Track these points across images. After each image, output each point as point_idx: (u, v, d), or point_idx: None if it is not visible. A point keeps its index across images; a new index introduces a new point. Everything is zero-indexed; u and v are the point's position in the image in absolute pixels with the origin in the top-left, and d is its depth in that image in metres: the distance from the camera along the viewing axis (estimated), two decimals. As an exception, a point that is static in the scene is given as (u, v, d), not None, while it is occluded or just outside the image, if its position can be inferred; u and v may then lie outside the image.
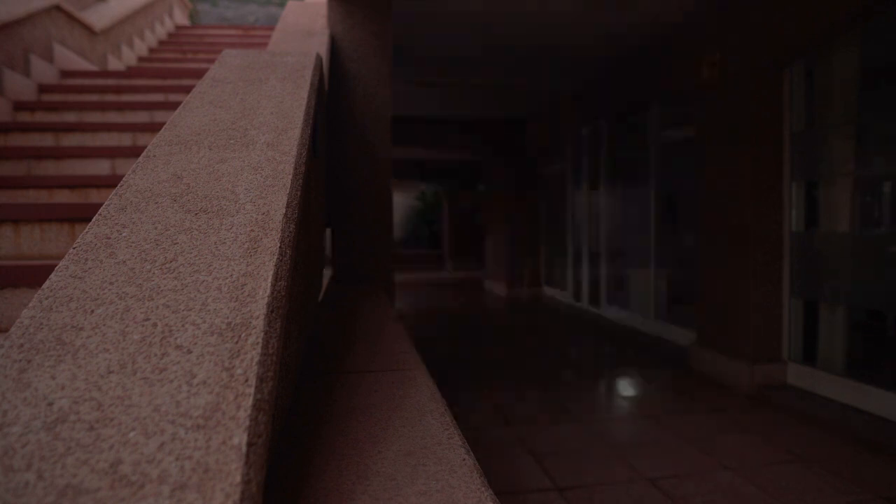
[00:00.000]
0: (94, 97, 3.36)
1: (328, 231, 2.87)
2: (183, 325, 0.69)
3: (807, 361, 3.41)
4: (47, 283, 0.76)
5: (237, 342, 0.67)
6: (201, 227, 0.89)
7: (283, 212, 0.94)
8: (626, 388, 3.83)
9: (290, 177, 1.05)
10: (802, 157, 3.43)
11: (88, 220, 1.75)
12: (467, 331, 6.04)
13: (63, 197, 2.17)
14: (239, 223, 0.90)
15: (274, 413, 0.70)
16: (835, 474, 2.36)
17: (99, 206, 1.61)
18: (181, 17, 6.72)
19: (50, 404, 0.58)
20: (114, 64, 4.56)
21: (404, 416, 0.93)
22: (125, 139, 2.77)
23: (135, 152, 2.49)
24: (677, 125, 4.58)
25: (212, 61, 4.52)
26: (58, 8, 3.79)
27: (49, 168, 2.45)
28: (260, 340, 0.67)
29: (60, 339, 0.67)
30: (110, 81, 3.72)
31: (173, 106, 3.08)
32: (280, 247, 0.85)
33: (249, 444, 0.55)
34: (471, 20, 3.98)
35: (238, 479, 0.51)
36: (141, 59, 4.97)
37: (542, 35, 4.30)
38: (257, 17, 13.15)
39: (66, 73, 3.74)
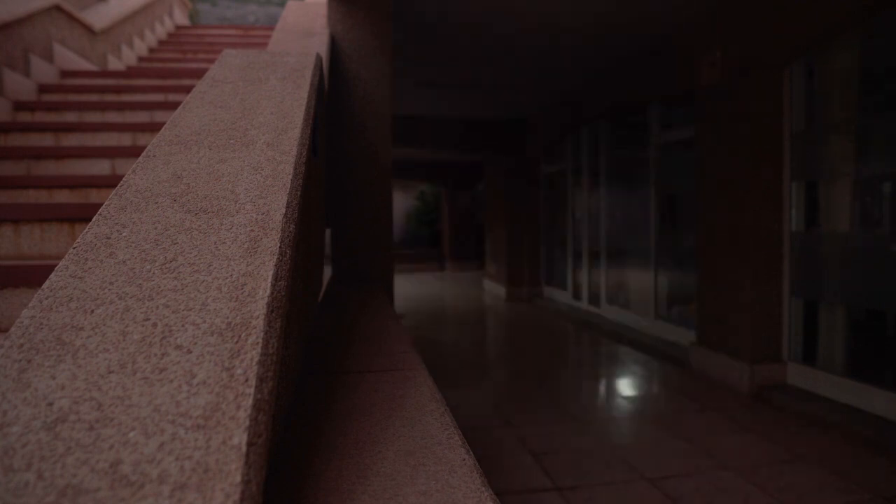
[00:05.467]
0: (94, 97, 3.36)
1: (328, 231, 2.87)
2: (183, 325, 0.69)
3: (807, 361, 3.41)
4: (47, 282, 0.76)
5: (237, 342, 0.67)
6: (201, 227, 0.89)
7: (283, 212, 0.93)
8: (625, 387, 3.83)
9: (290, 177, 1.05)
10: (802, 157, 3.43)
11: (88, 220, 1.75)
12: (466, 330, 6.04)
13: (63, 197, 2.17)
14: (239, 223, 0.90)
15: (274, 413, 0.70)
16: (835, 474, 2.36)
17: (99, 206, 1.61)
18: (181, 17, 6.72)
19: (50, 404, 0.58)
20: (114, 64, 4.56)
21: (404, 416, 0.93)
22: (125, 139, 2.77)
23: (135, 152, 2.49)
24: (677, 125, 4.58)
25: (212, 61, 4.52)
26: (58, 8, 3.79)
27: (49, 168, 2.45)
28: (260, 340, 0.67)
29: (60, 339, 0.67)
30: (110, 81, 3.72)
31: (173, 106, 3.08)
32: (280, 247, 0.85)
33: (249, 444, 0.55)
34: (471, 20, 3.98)
35: (238, 479, 0.51)
36: (141, 58, 4.97)
37: (543, 35, 4.30)
38: (257, 17, 13.15)
39: (66, 73, 3.74)
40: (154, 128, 2.78)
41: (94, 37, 4.32)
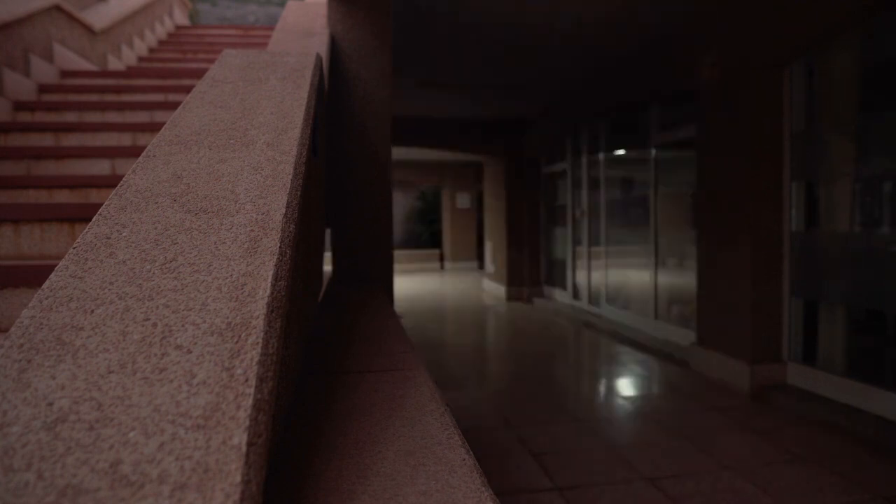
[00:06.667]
0: (94, 97, 3.36)
1: (328, 231, 2.87)
2: (183, 325, 0.69)
3: (807, 361, 3.41)
4: (47, 282, 0.76)
5: (237, 342, 0.67)
6: (201, 227, 0.89)
7: (283, 212, 0.93)
8: (625, 387, 3.83)
9: (290, 177, 1.05)
10: (802, 157, 3.43)
11: (88, 220, 1.75)
12: (466, 330, 6.04)
13: (63, 197, 2.17)
14: (239, 223, 0.90)
15: (274, 413, 0.70)
16: (835, 474, 2.36)
17: (99, 206, 1.61)
18: (181, 17, 6.72)
19: (50, 404, 0.58)
20: (114, 64, 4.56)
21: (404, 415, 0.93)
22: (125, 139, 2.77)
23: (135, 152, 2.49)
24: (677, 125, 4.58)
25: (212, 61, 4.52)
26: (58, 8, 3.79)
27: (49, 168, 2.45)
28: (260, 340, 0.67)
29: (60, 339, 0.67)
30: (110, 81, 3.72)
31: (173, 106, 3.08)
32: (280, 247, 0.85)
33: (249, 444, 0.55)
34: (471, 20, 3.98)
35: (238, 479, 0.51)
36: (141, 58, 4.97)
37: (543, 35, 4.30)
38: (257, 17, 13.15)
39: (66, 73, 3.74)
40: (154, 128, 2.78)
41: (94, 37, 4.32)
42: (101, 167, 2.47)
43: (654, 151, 4.93)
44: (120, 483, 0.50)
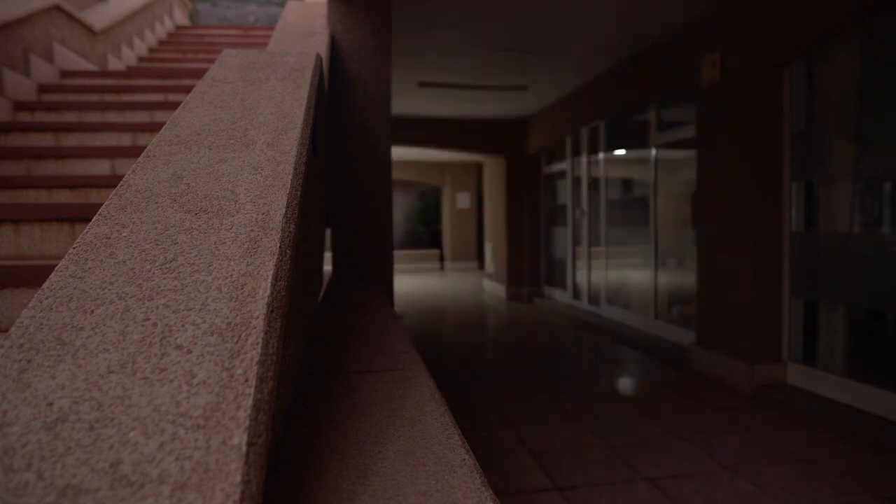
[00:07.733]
0: (94, 97, 3.36)
1: (328, 231, 2.87)
2: (183, 325, 0.69)
3: (807, 361, 3.41)
4: (47, 282, 0.76)
5: (237, 342, 0.67)
6: (201, 227, 0.89)
7: (283, 212, 0.93)
8: (625, 387, 3.83)
9: (290, 177, 1.05)
10: (802, 157, 3.43)
11: (88, 220, 1.75)
12: (466, 330, 6.04)
13: (63, 197, 2.17)
14: (239, 223, 0.90)
15: (274, 413, 0.70)
16: (835, 474, 2.36)
17: (99, 206, 1.61)
18: (181, 17, 6.73)
19: (50, 404, 0.58)
20: (114, 64, 4.56)
21: (404, 415, 0.93)
22: (125, 139, 2.77)
23: (135, 152, 2.49)
24: (677, 125, 4.58)
25: (212, 61, 4.52)
26: (58, 8, 3.79)
27: (49, 168, 2.46)
28: (260, 340, 0.67)
29: (60, 339, 0.67)
30: (110, 81, 3.72)
31: (173, 106, 3.08)
32: (280, 247, 0.85)
33: (249, 444, 0.55)
34: (472, 20, 3.98)
35: (238, 479, 0.51)
36: (141, 58, 4.97)
37: (543, 35, 4.30)
38: (257, 17, 13.15)
39: (66, 73, 3.74)
40: (154, 128, 2.78)
41: (94, 37, 4.32)
42: (101, 167, 2.47)
43: (654, 151, 4.93)
44: (120, 483, 0.50)
